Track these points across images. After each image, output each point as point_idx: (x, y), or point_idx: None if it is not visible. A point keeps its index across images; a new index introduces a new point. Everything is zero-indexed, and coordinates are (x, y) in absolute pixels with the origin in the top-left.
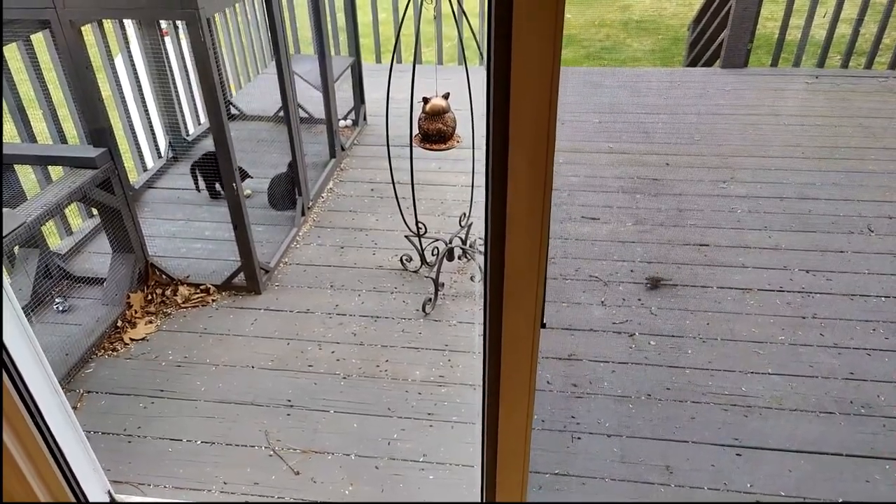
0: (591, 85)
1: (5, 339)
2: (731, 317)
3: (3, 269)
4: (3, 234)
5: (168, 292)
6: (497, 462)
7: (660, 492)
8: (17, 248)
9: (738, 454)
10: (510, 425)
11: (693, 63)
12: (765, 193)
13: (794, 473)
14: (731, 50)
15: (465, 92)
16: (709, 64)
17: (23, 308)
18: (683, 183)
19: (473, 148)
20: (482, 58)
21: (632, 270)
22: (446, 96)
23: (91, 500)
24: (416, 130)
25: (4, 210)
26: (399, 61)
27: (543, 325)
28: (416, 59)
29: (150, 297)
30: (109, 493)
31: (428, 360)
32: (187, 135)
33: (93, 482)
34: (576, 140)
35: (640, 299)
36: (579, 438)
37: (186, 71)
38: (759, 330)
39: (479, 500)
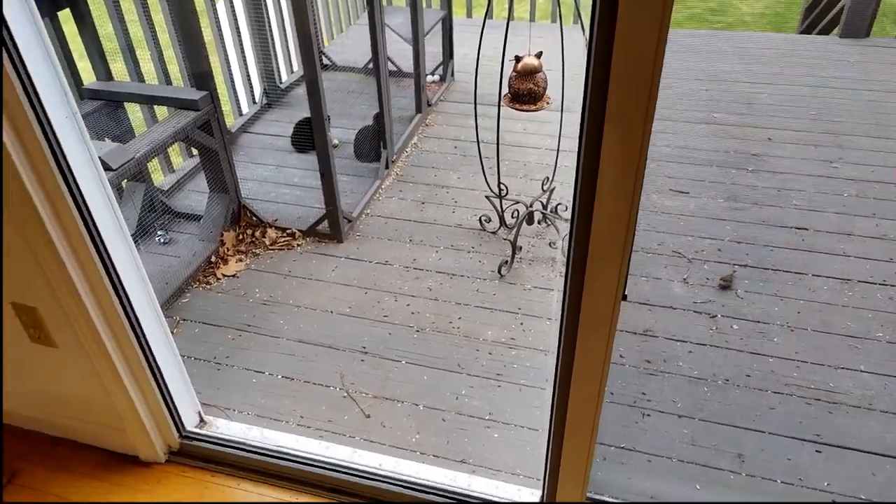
0: (692, 49)
1: (117, 264)
2: (825, 307)
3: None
4: (116, 168)
5: (257, 234)
6: (565, 428)
7: (729, 479)
8: (125, 181)
9: (817, 451)
10: (581, 394)
11: (808, 30)
12: (877, 178)
13: (877, 477)
14: (852, 17)
15: (555, 51)
16: (826, 32)
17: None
18: (786, 160)
19: (562, 110)
20: (577, 16)
21: (719, 249)
22: (539, 55)
23: (183, 417)
24: (505, 89)
25: (117, 145)
26: (490, 16)
27: (625, 298)
28: (510, 15)
29: (241, 236)
30: (199, 413)
31: (500, 322)
32: (280, 82)
33: (186, 401)
34: (670, 107)
35: (724, 279)
36: (649, 416)
37: (283, 20)
38: (855, 324)
39: (544, 462)
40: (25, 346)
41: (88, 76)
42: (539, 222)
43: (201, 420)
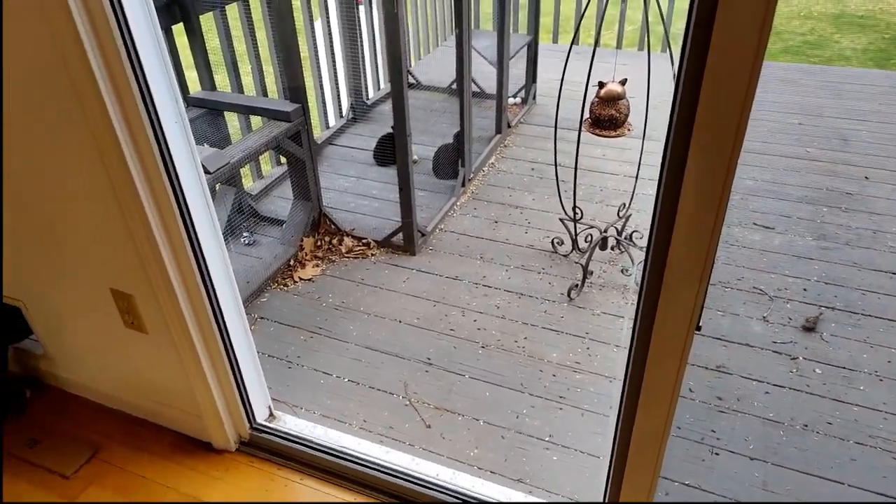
0: (786, 82)
1: (208, 260)
2: None
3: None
4: (213, 171)
5: (335, 241)
6: (627, 458)
7: None
8: (218, 184)
9: None
10: (646, 425)
11: None
12: None
13: None
14: None
15: (640, 79)
16: None
17: None
18: (884, 201)
19: (644, 138)
20: (666, 44)
21: (805, 289)
22: (623, 82)
23: (255, 409)
24: (587, 114)
25: (215, 150)
26: (577, 42)
27: (699, 329)
28: (597, 42)
29: (319, 243)
30: (270, 407)
31: (566, 345)
32: (367, 98)
33: (258, 395)
34: (759, 140)
35: (809, 321)
36: (717, 454)
37: (374, 39)
38: None
39: (604, 491)
40: (119, 330)
41: (194, 85)
42: (612, 248)
43: (271, 414)
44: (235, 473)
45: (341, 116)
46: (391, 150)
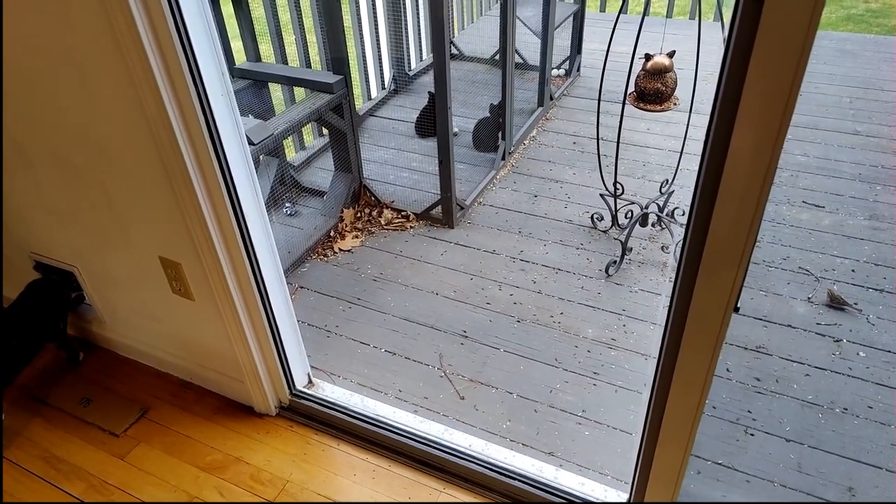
0: (845, 53)
1: (251, 230)
2: None
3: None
4: (257, 143)
5: (374, 213)
6: (659, 435)
7: None
8: (262, 155)
9: None
10: (679, 403)
11: None
12: None
13: None
14: None
15: (690, 49)
16: None
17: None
18: None
19: (690, 112)
20: (718, 12)
21: (853, 270)
22: (671, 54)
23: (294, 376)
24: (632, 87)
25: (259, 121)
26: (625, 11)
27: (736, 310)
28: (645, 11)
29: (359, 214)
30: (309, 375)
31: (602, 321)
32: (409, 70)
33: (298, 362)
34: (813, 115)
35: (856, 303)
36: (752, 435)
37: (418, 9)
38: None
39: (634, 466)
40: (167, 296)
41: (240, 55)
42: (653, 225)
43: (310, 381)
44: (275, 437)
45: (383, 88)
46: (432, 122)
